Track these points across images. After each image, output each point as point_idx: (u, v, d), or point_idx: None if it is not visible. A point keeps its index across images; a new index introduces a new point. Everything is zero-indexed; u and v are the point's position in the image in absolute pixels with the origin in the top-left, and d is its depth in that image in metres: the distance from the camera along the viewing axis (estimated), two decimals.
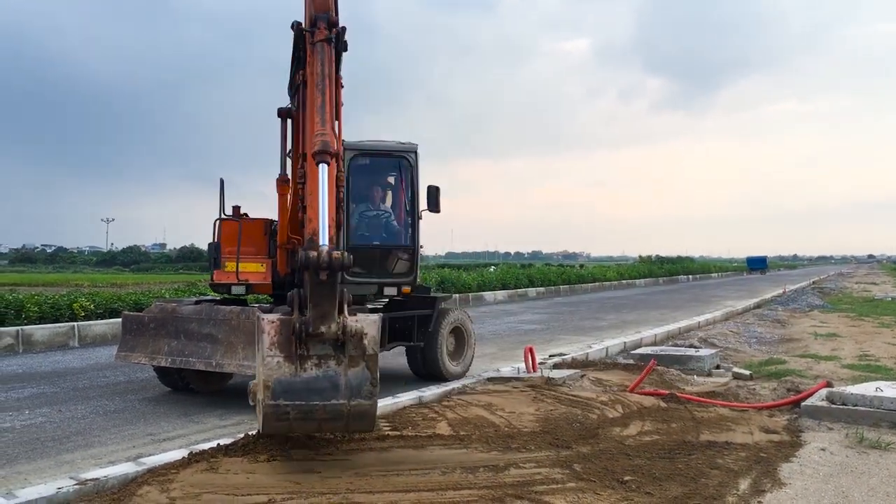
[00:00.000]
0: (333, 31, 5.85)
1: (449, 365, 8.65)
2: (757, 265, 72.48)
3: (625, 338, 12.38)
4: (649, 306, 22.56)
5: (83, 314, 13.05)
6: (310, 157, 5.30)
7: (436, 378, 8.43)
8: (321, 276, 4.52)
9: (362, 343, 4.60)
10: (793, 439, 5.65)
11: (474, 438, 5.45)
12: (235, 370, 6.92)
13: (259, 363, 4.67)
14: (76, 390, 8.05)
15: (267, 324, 4.56)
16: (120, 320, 8.20)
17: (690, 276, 52.89)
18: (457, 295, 21.61)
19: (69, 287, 22.76)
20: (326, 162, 5.12)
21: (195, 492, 4.21)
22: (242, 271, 7.52)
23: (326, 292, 4.56)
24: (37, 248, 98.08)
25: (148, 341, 7.46)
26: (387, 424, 5.86)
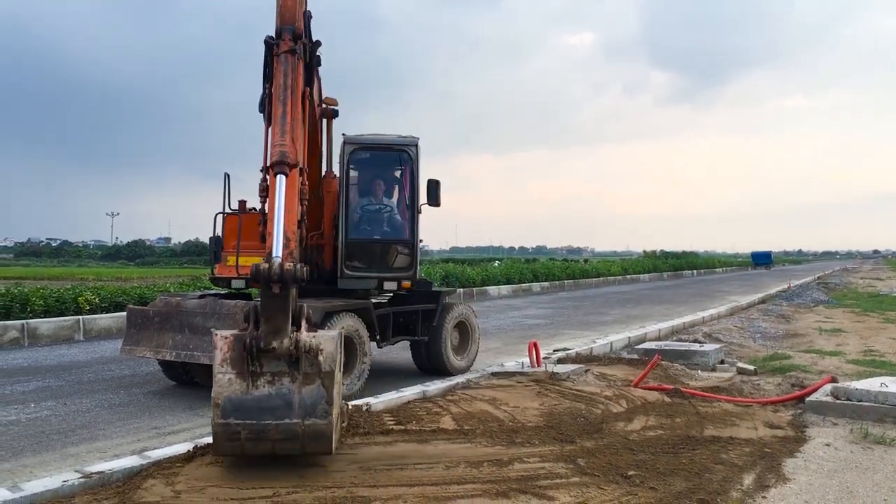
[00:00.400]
0: (299, 44, 5.77)
1: (453, 359, 8.65)
2: (762, 260, 72.28)
3: (629, 333, 12.37)
4: (654, 301, 22.54)
5: (88, 308, 13.09)
6: (269, 169, 5.17)
7: (440, 372, 8.44)
8: (273, 290, 4.39)
9: (318, 360, 4.39)
10: (797, 434, 5.64)
11: (478, 433, 5.45)
12: None
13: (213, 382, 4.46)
14: (81, 384, 8.07)
15: (220, 339, 4.40)
16: (125, 314, 8.21)
17: (695, 272, 52.76)
18: (461, 290, 21.61)
19: (74, 281, 22.84)
20: (284, 173, 4.99)
21: (200, 485, 4.23)
22: (243, 265, 7.52)
23: (279, 306, 4.40)
24: (42, 242, 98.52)
25: (153, 335, 7.47)
26: (391, 418, 5.87)
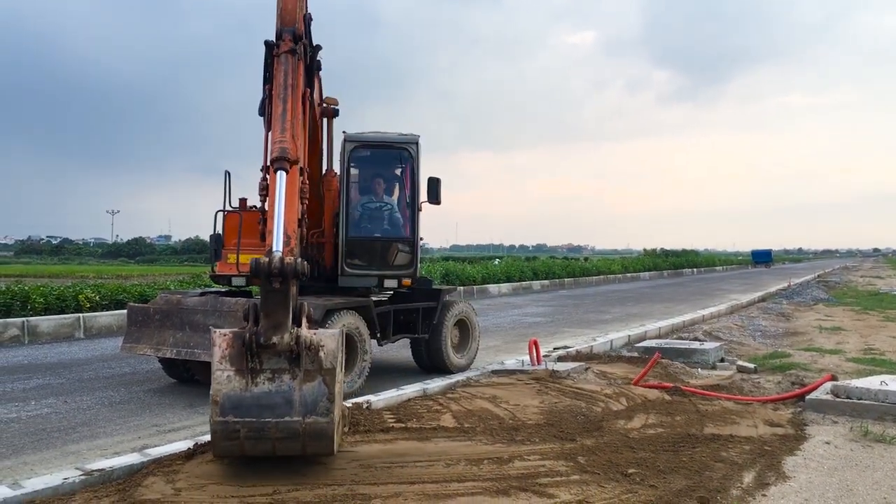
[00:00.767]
0: (300, 45, 5.80)
1: (453, 357, 8.66)
2: (762, 259, 72.27)
3: (629, 331, 12.37)
4: (654, 299, 22.54)
5: (88, 305, 13.09)
6: (269, 166, 5.16)
7: (440, 370, 8.45)
8: (273, 284, 4.31)
9: (318, 356, 4.29)
10: (797, 433, 5.64)
11: (479, 430, 5.45)
12: None
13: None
14: (82, 381, 8.08)
15: (218, 336, 4.30)
16: (125, 312, 8.22)
17: (695, 270, 52.77)
18: (461, 287, 21.62)
19: (74, 279, 22.85)
20: (285, 169, 4.97)
21: (200, 483, 4.23)
22: (244, 263, 7.52)
23: (279, 300, 4.31)
24: (42, 240, 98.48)
25: (153, 333, 7.47)
26: (391, 416, 5.88)
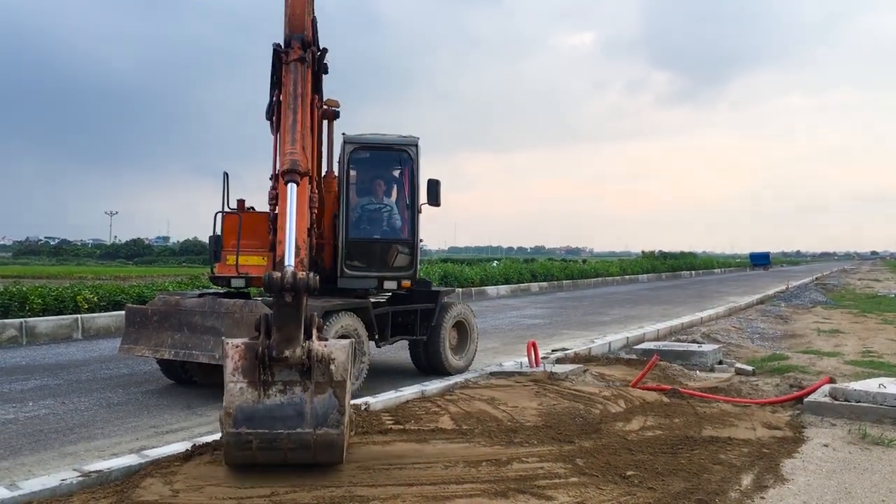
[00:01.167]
0: (308, 52, 5.79)
1: (452, 359, 8.65)
2: (760, 261, 72.37)
3: (627, 333, 12.37)
4: (652, 302, 22.55)
5: (87, 306, 13.07)
6: (280, 177, 5.18)
7: (438, 372, 8.45)
8: (286, 298, 4.38)
9: (329, 369, 4.39)
10: (795, 435, 5.64)
11: (477, 432, 5.45)
12: None
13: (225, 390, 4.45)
14: (79, 382, 8.06)
15: (231, 348, 4.39)
16: (123, 313, 8.20)
17: (693, 272, 52.80)
18: (459, 289, 21.61)
19: (73, 279, 22.82)
20: (295, 182, 5.00)
21: (198, 484, 4.22)
22: (243, 264, 7.52)
23: (291, 315, 4.39)
24: (40, 241, 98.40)
25: (151, 334, 7.47)
26: (389, 418, 5.87)
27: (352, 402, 6.14)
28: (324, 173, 8.36)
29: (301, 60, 5.71)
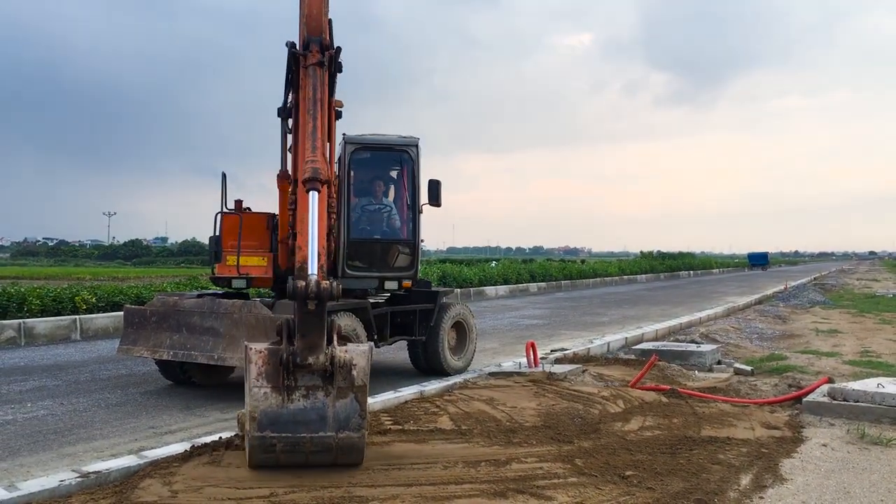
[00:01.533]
0: (327, 55, 5.71)
1: (450, 359, 8.65)
2: (758, 261, 72.42)
3: (626, 333, 12.38)
4: (650, 302, 22.56)
5: (85, 307, 13.06)
6: (300, 184, 5.18)
7: (437, 372, 8.45)
8: (309, 306, 4.44)
9: (351, 374, 4.49)
10: (794, 435, 5.65)
11: (476, 433, 5.45)
12: (237, 364, 6.92)
13: (246, 393, 4.52)
14: (78, 383, 8.06)
15: (254, 353, 4.45)
16: (122, 314, 8.20)
17: (692, 272, 52.84)
18: (458, 290, 21.61)
19: (71, 280, 22.80)
20: (317, 189, 5.00)
21: (197, 485, 4.22)
22: (243, 265, 7.53)
23: (315, 322, 4.47)
24: (38, 242, 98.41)
25: (150, 335, 7.46)
26: (388, 418, 5.87)
27: None
28: None
29: (320, 64, 5.64)
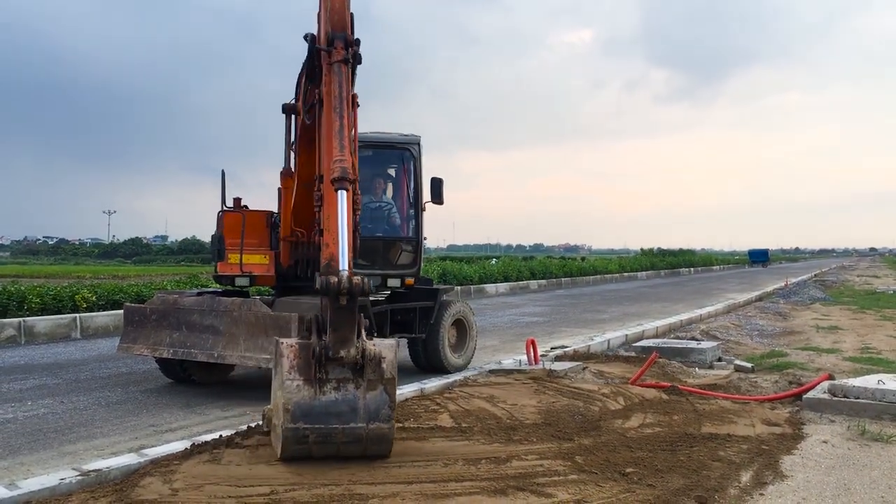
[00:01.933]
0: (350, 51, 5.68)
1: (451, 357, 8.65)
2: (759, 258, 72.39)
3: (626, 330, 12.38)
4: (651, 299, 22.56)
5: (85, 306, 13.06)
6: (328, 182, 5.27)
7: (437, 370, 8.44)
8: (341, 302, 4.58)
9: (381, 367, 4.64)
10: (795, 432, 5.65)
11: (476, 430, 5.45)
12: (237, 362, 6.92)
13: (277, 386, 4.67)
14: (78, 382, 8.06)
15: (286, 347, 4.59)
16: (122, 312, 8.20)
17: (692, 269, 52.83)
18: (458, 287, 21.62)
19: (71, 279, 22.80)
20: (346, 189, 5.10)
21: (197, 483, 4.22)
22: (246, 263, 7.54)
23: (346, 317, 4.62)
24: (39, 240, 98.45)
25: (150, 333, 7.46)
26: None
27: None
28: None
29: (345, 62, 5.62)
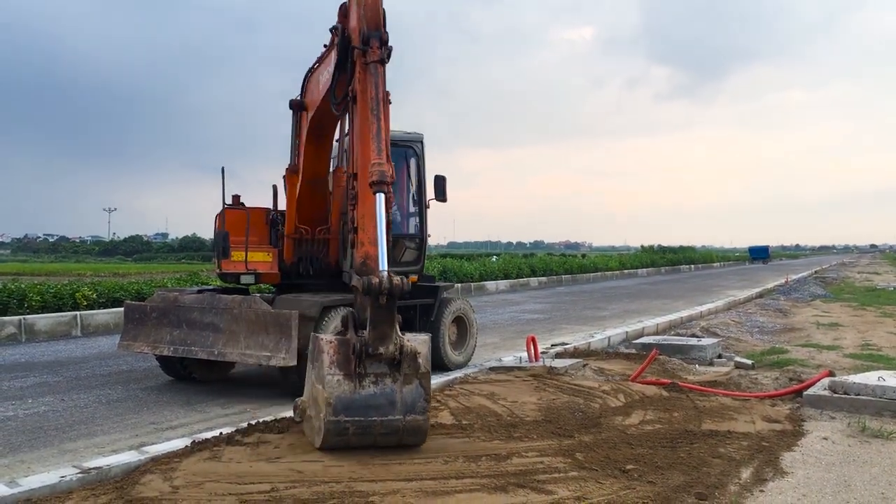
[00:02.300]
0: (385, 49, 5.58)
1: (451, 354, 8.65)
2: (759, 255, 72.38)
3: (627, 327, 12.38)
4: (651, 296, 22.55)
5: (85, 303, 13.07)
6: (363, 182, 5.37)
7: (438, 367, 8.40)
8: (381, 300, 4.75)
9: (417, 362, 4.85)
10: (795, 428, 5.64)
11: (477, 427, 5.45)
12: (237, 359, 6.93)
13: (315, 381, 4.87)
14: (79, 379, 8.06)
15: (326, 343, 4.78)
16: (122, 310, 8.20)
17: (693, 266, 52.83)
18: (459, 284, 21.62)
19: (71, 276, 22.79)
20: (384, 192, 5.18)
21: (198, 480, 4.22)
22: (251, 260, 7.55)
23: (386, 315, 4.80)
24: (39, 238, 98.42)
25: (150, 330, 7.46)
26: None
27: None
28: (333, 168, 8.36)
29: (381, 62, 5.55)
